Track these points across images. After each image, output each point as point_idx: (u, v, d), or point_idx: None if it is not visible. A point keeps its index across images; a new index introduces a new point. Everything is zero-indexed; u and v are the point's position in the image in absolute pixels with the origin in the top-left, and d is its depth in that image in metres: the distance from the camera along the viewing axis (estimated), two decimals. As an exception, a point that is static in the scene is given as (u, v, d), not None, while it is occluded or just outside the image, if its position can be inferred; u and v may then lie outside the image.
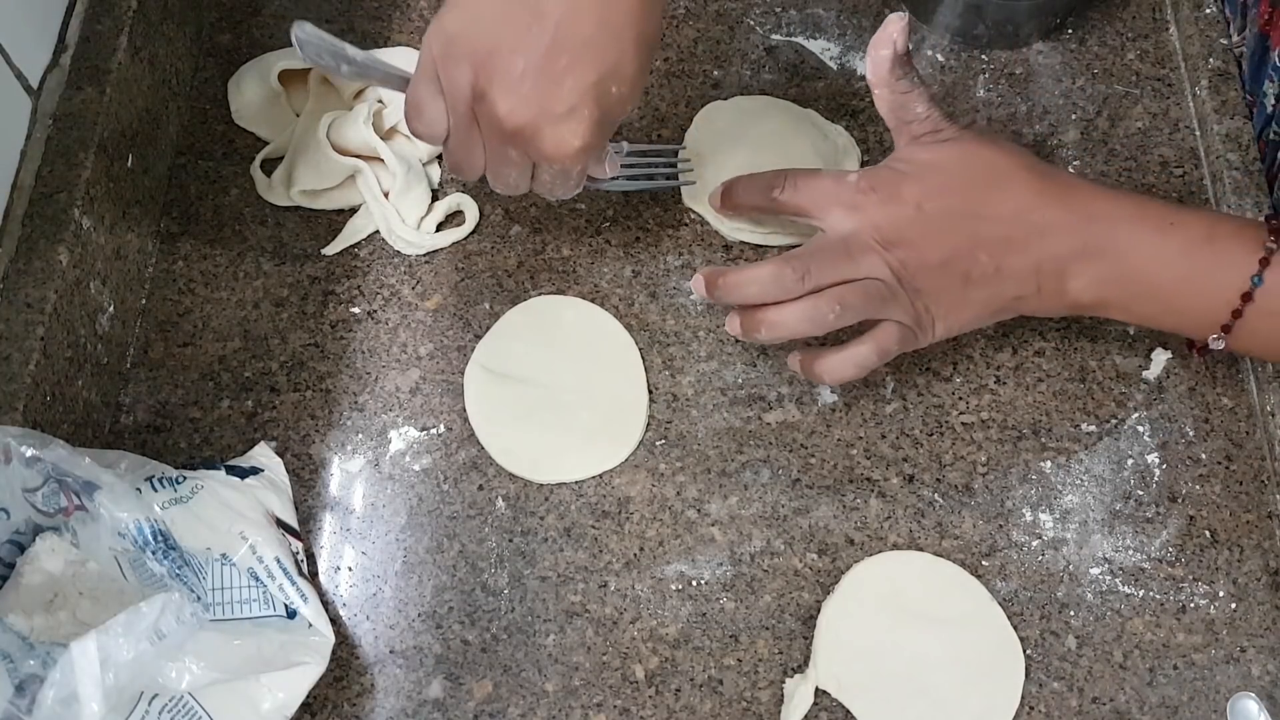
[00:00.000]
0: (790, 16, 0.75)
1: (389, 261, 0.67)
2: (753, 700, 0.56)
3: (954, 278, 0.56)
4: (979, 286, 0.56)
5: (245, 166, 0.69)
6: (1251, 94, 0.70)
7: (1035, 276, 0.56)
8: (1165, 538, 0.60)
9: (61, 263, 0.58)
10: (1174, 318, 0.57)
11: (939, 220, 0.55)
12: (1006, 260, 0.55)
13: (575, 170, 0.55)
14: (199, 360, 0.64)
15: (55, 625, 0.49)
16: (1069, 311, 0.58)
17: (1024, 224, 0.55)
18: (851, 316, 0.56)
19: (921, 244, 0.55)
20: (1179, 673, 0.57)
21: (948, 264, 0.55)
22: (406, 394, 0.63)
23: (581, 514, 0.60)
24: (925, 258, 0.56)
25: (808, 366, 0.59)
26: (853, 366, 0.57)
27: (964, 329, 0.58)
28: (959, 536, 0.60)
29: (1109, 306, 0.57)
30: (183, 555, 0.52)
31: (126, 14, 0.65)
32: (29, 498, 0.50)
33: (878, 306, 0.56)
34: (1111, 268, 0.55)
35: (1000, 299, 0.57)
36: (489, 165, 0.55)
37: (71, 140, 0.60)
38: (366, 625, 0.57)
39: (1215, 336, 0.55)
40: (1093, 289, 0.56)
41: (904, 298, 0.56)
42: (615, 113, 0.53)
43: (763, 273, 0.56)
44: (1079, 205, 0.55)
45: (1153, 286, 0.55)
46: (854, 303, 0.55)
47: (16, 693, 0.44)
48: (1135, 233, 0.55)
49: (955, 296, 0.56)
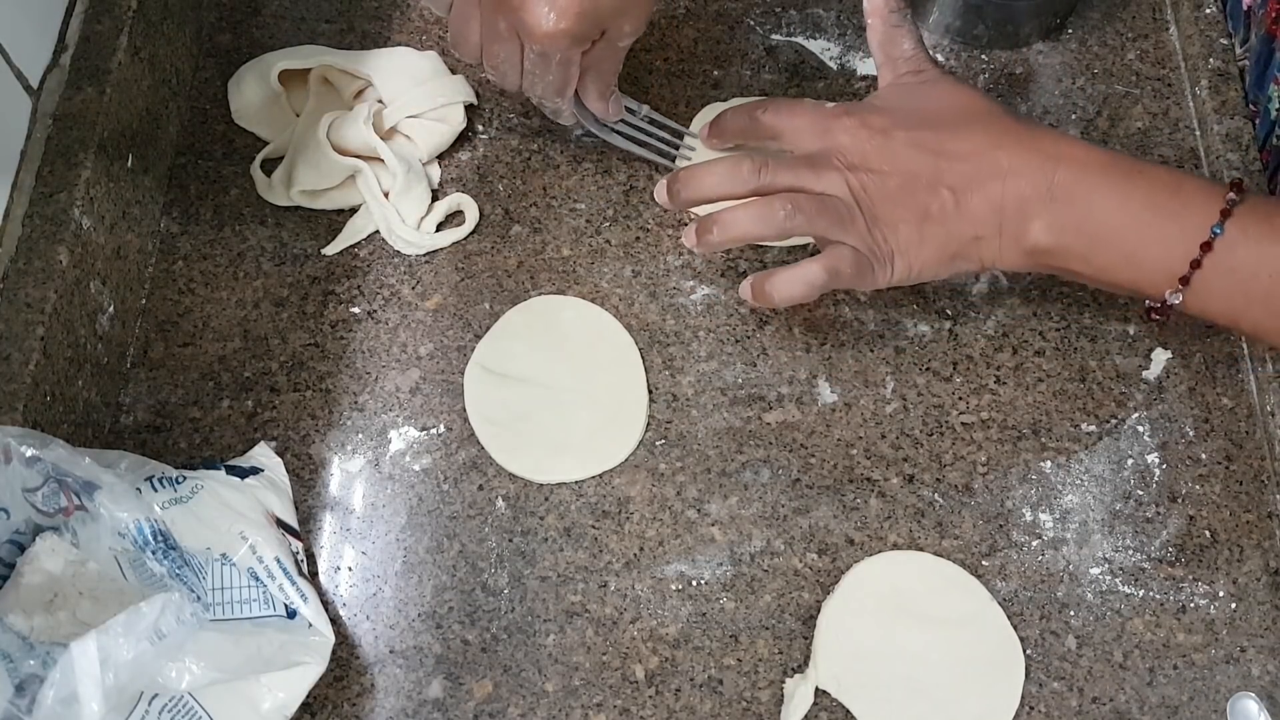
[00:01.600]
0: (790, 16, 0.75)
1: (389, 261, 0.67)
2: (753, 700, 0.56)
3: (913, 210, 0.56)
4: (938, 223, 0.56)
5: (245, 166, 0.69)
6: (1255, 103, 0.70)
7: (997, 216, 0.55)
8: (1165, 538, 0.60)
9: (61, 263, 0.58)
10: (1132, 270, 0.55)
11: (904, 150, 0.56)
12: (968, 197, 0.55)
13: (557, 58, 0.56)
14: (199, 360, 0.64)
15: (55, 625, 0.49)
16: (1028, 260, 0.56)
17: (989, 162, 0.55)
18: (803, 223, 0.55)
19: (884, 170, 0.56)
20: (1179, 673, 0.57)
21: (908, 193, 0.55)
22: (406, 394, 0.63)
23: (581, 514, 0.60)
24: (886, 184, 0.55)
25: (758, 288, 0.58)
26: (802, 284, 0.57)
27: (922, 273, 0.57)
28: (959, 536, 0.60)
29: (1069, 254, 0.55)
30: (183, 555, 0.52)
31: (126, 14, 0.65)
32: (29, 498, 0.50)
33: (832, 223, 0.55)
34: (1074, 212, 0.54)
35: (958, 238, 0.56)
36: (484, 41, 0.57)
37: (71, 140, 0.60)
38: (366, 625, 0.57)
39: (1173, 290, 0.54)
40: (1053, 233, 0.55)
41: (861, 222, 0.56)
42: (605, 11, 0.55)
43: (720, 164, 0.57)
44: (1046, 148, 0.55)
45: (1114, 233, 0.54)
46: (807, 208, 0.55)
47: (16, 693, 0.44)
48: (1101, 178, 0.54)
49: (913, 231, 0.56)
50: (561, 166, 0.70)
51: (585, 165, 0.70)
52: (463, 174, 0.70)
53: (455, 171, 0.70)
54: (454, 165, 0.70)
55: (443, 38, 0.74)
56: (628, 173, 0.69)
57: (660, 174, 0.69)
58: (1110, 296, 0.66)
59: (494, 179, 0.69)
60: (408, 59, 0.70)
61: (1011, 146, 0.55)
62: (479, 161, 0.70)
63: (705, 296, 0.66)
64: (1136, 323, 0.65)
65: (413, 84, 0.68)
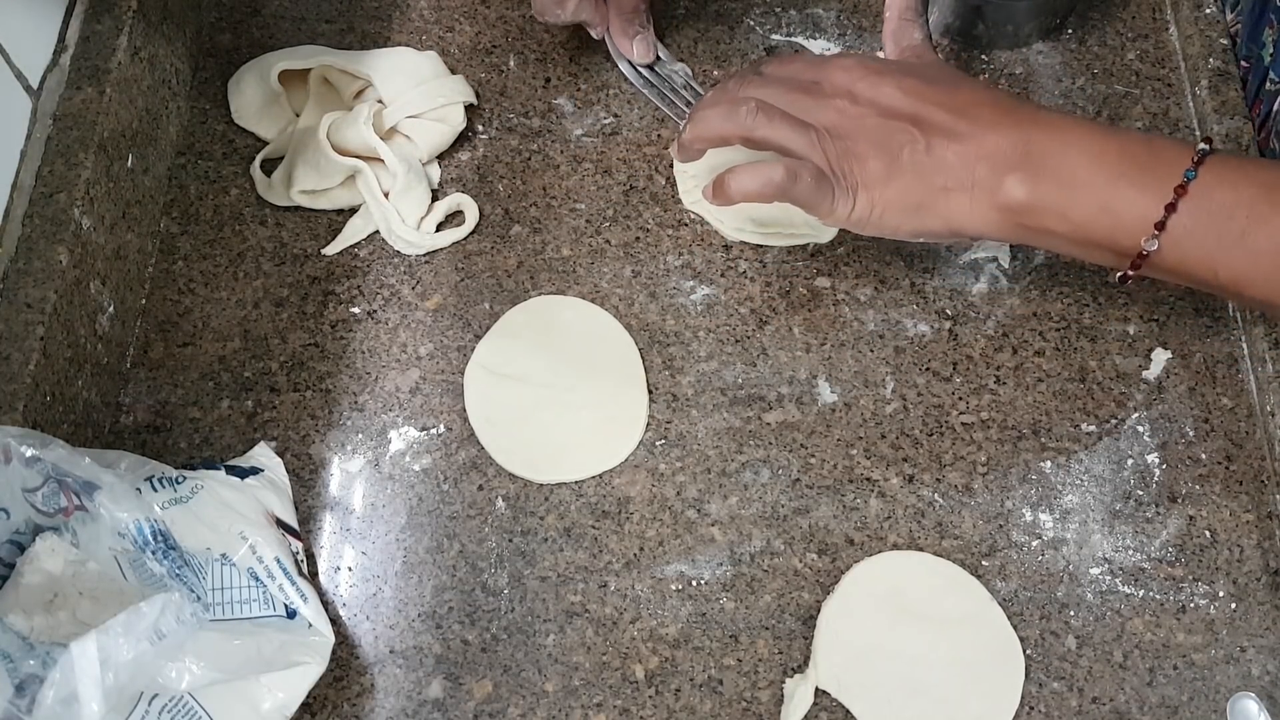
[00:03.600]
0: (790, 16, 0.75)
1: (389, 261, 0.67)
2: (753, 700, 0.56)
3: (886, 148, 0.56)
4: (907, 166, 0.56)
5: (245, 166, 0.69)
6: (1248, 59, 0.70)
7: (969, 170, 0.55)
8: (1165, 538, 0.60)
9: (61, 263, 0.58)
10: (1109, 220, 0.54)
11: (890, 90, 0.57)
12: (942, 145, 0.56)
13: None
14: (199, 360, 0.64)
15: (55, 625, 0.49)
16: (1001, 219, 0.56)
17: (969, 118, 0.56)
18: (765, 123, 0.56)
19: (866, 105, 0.57)
20: (1179, 673, 0.57)
21: (884, 131, 0.56)
22: (406, 394, 0.63)
23: (581, 514, 0.60)
24: (865, 119, 0.57)
25: (718, 184, 0.58)
26: (760, 179, 0.57)
27: (884, 216, 0.57)
28: (959, 536, 0.60)
29: (1045, 210, 0.55)
30: (183, 555, 0.52)
31: (126, 14, 0.65)
32: (29, 498, 0.50)
33: (797, 135, 0.56)
34: (1050, 166, 0.55)
35: (926, 186, 0.56)
36: None
37: (71, 140, 0.60)
38: (366, 625, 0.57)
39: (1149, 238, 0.53)
40: (1028, 187, 0.55)
41: (830, 144, 0.57)
42: None
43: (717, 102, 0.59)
44: (1026, 112, 0.56)
45: (1090, 185, 0.54)
46: (774, 112, 0.57)
47: (16, 693, 0.44)
48: (1076, 135, 0.55)
49: (881, 168, 0.56)
50: (561, 166, 0.70)
51: (585, 165, 0.70)
52: (463, 174, 0.70)
53: (455, 171, 0.70)
54: (454, 165, 0.70)
55: (443, 38, 0.74)
56: (628, 173, 0.69)
57: (665, 195, 0.69)
58: (1110, 296, 0.66)
59: (494, 179, 0.69)
60: (408, 59, 0.70)
61: (992, 106, 0.56)
62: (479, 161, 0.70)
63: (705, 296, 0.66)
64: (1136, 323, 0.65)
65: (413, 84, 0.68)
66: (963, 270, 0.67)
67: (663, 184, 0.69)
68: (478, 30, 0.74)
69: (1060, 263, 0.67)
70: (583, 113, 0.71)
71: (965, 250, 0.67)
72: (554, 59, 0.73)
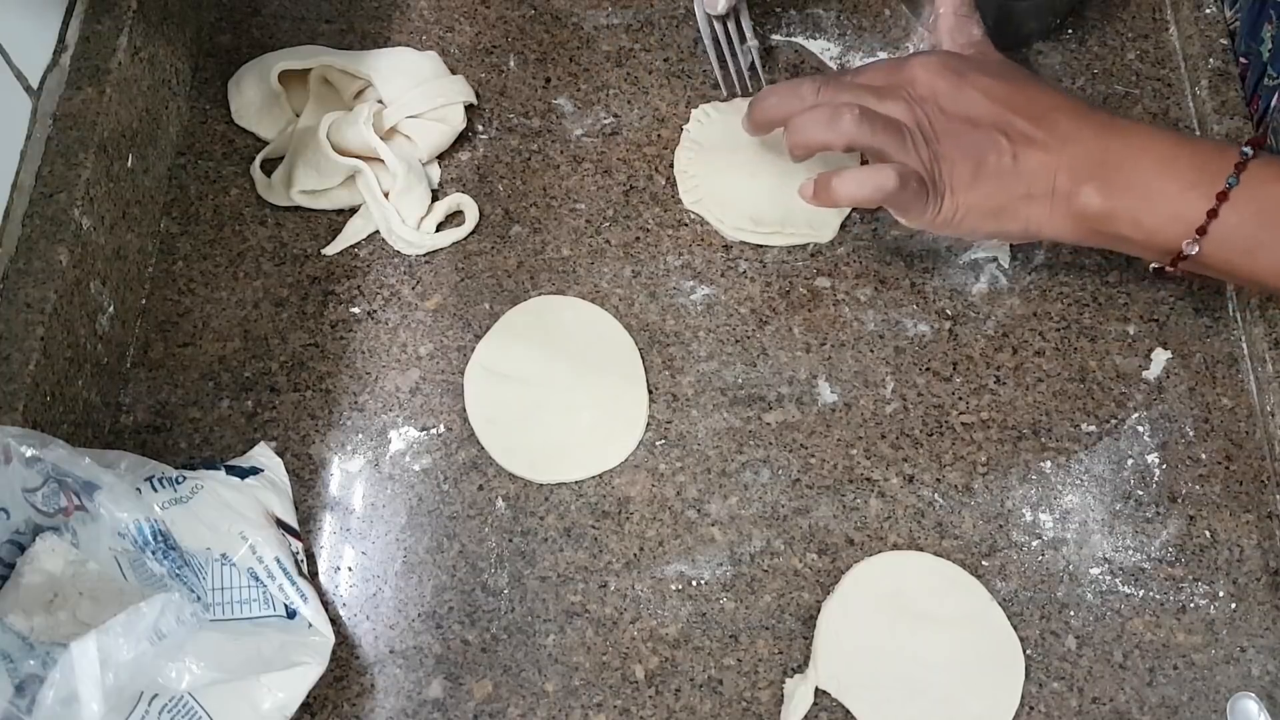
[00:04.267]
0: (790, 16, 0.75)
1: (389, 261, 0.67)
2: (753, 700, 0.56)
3: (972, 153, 0.57)
4: (992, 172, 0.57)
5: (245, 166, 0.69)
6: (1246, 56, 0.70)
7: (1050, 178, 0.57)
8: (1165, 538, 0.60)
9: (61, 263, 0.58)
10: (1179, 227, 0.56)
11: (974, 94, 0.57)
12: (1026, 153, 0.57)
13: None
14: (199, 360, 0.64)
15: (55, 625, 0.49)
16: (1076, 226, 0.58)
17: (1050, 126, 0.57)
18: (867, 133, 0.56)
19: (952, 108, 0.57)
20: (1179, 673, 0.57)
21: (970, 137, 0.57)
22: (406, 394, 0.63)
23: (581, 514, 0.60)
24: (950, 121, 0.57)
25: (822, 185, 0.58)
26: (871, 186, 0.56)
27: (965, 219, 0.58)
28: (959, 536, 0.60)
29: (1119, 218, 0.57)
30: (183, 555, 0.52)
31: (126, 14, 0.65)
32: (29, 498, 0.50)
33: (896, 140, 0.56)
34: (1124, 174, 0.56)
35: (1009, 192, 0.57)
36: None
37: (71, 140, 0.60)
38: (366, 625, 0.57)
39: (1189, 241, 0.55)
40: (1103, 194, 0.56)
41: (923, 148, 0.57)
42: None
43: (780, 85, 0.60)
44: (1100, 121, 0.57)
45: (1162, 192, 0.56)
46: (875, 118, 0.56)
47: (16, 693, 0.44)
48: (1149, 141, 0.56)
49: (968, 172, 0.57)
50: (561, 166, 0.70)
51: (585, 165, 0.70)
52: (463, 174, 0.70)
53: (455, 171, 0.70)
54: (454, 165, 0.70)
55: (443, 38, 0.74)
56: (628, 173, 0.69)
57: (665, 195, 0.69)
58: (1110, 296, 0.66)
59: (494, 179, 0.69)
60: (408, 59, 0.70)
61: (1070, 114, 0.57)
62: (479, 161, 0.70)
63: (705, 296, 0.66)
64: (1136, 323, 0.65)
65: (413, 84, 0.68)
66: (963, 270, 0.67)
67: (663, 184, 0.69)
68: (478, 30, 0.74)
69: (1060, 262, 0.67)
70: (583, 113, 0.71)
71: (965, 250, 0.67)
72: (554, 59, 0.73)
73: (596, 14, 0.75)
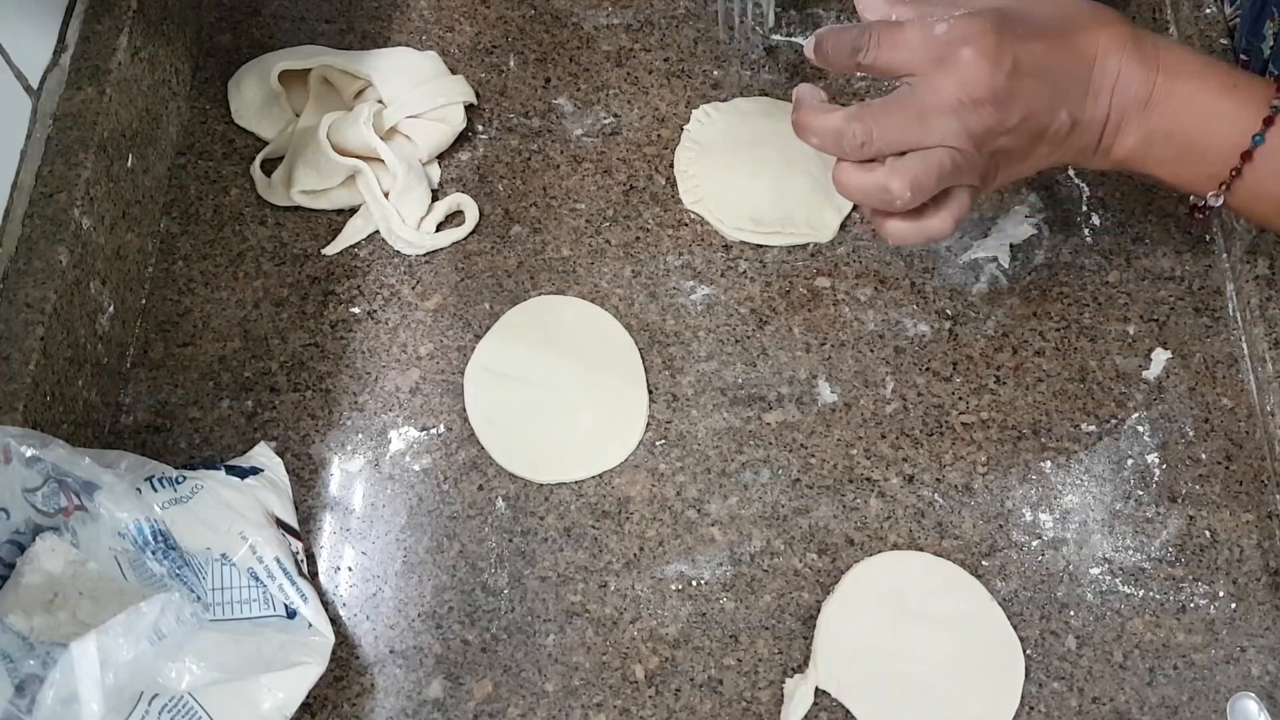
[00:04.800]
0: (790, 16, 0.75)
1: (389, 261, 0.67)
2: (753, 700, 0.56)
3: (1028, 134, 0.56)
4: (1050, 143, 0.56)
5: (245, 166, 0.69)
6: (1248, 52, 0.70)
7: (1100, 131, 0.56)
8: (1165, 538, 0.60)
9: (61, 263, 0.58)
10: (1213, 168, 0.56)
11: (1030, 80, 0.55)
12: (1084, 112, 0.56)
13: None
14: (199, 360, 0.64)
15: (55, 625, 0.49)
16: (1112, 165, 0.57)
17: (1102, 70, 0.55)
18: (923, 198, 0.55)
19: (1008, 104, 0.55)
20: (1179, 673, 0.57)
21: (1028, 121, 0.55)
22: (406, 394, 0.63)
23: (581, 514, 0.60)
24: (1007, 119, 0.55)
25: (878, 222, 0.57)
26: (922, 237, 0.56)
27: (1016, 178, 0.58)
28: (959, 536, 0.60)
29: (1156, 161, 0.56)
30: (183, 555, 0.52)
31: (126, 14, 0.65)
32: (29, 498, 0.50)
33: (951, 178, 0.55)
34: (1165, 123, 0.55)
35: (1065, 154, 0.57)
36: None
37: (71, 140, 0.60)
38: (366, 625, 0.57)
39: (1214, 194, 0.55)
40: (1144, 142, 0.56)
41: (978, 163, 0.55)
42: None
43: (828, 123, 0.55)
44: (1149, 54, 0.56)
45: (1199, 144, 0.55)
46: (928, 185, 0.54)
47: (16, 693, 0.44)
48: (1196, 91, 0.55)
49: (1023, 151, 0.56)
50: (561, 166, 0.70)
51: (585, 165, 0.70)
52: (463, 174, 0.70)
53: (455, 171, 0.70)
54: (454, 165, 0.70)
55: (443, 38, 0.74)
56: (628, 173, 0.69)
57: (665, 195, 0.69)
58: (1110, 296, 0.66)
59: (494, 179, 0.69)
60: (408, 59, 0.70)
61: (1119, 50, 0.55)
62: (479, 161, 0.70)
63: (705, 296, 0.66)
64: (1136, 323, 0.65)
65: (413, 84, 0.68)
66: (963, 270, 0.67)
67: (663, 184, 0.69)
68: (478, 30, 0.74)
69: (1060, 262, 0.67)
70: (583, 113, 0.71)
71: (965, 250, 0.67)
72: (554, 59, 0.73)
73: (596, 14, 0.75)
